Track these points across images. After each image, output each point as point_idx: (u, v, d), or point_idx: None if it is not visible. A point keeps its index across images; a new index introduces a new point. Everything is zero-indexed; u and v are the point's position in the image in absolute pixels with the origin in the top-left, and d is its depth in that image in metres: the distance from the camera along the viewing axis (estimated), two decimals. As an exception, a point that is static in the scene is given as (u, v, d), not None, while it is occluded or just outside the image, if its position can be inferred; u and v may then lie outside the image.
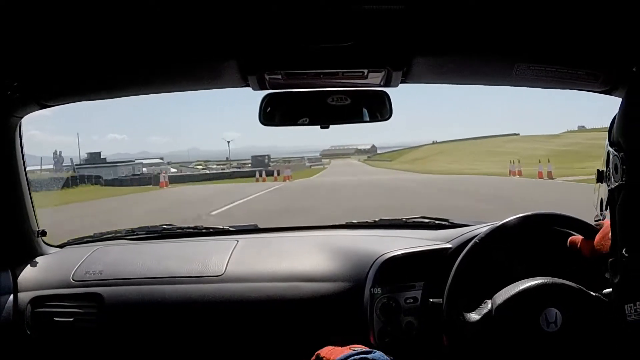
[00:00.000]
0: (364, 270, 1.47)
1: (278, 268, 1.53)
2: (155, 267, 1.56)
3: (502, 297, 1.17)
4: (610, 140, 0.93)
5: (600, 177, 0.97)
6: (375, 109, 1.36)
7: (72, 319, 1.47)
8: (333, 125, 1.37)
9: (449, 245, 1.48)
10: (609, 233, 1.03)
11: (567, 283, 1.16)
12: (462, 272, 1.25)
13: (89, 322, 1.47)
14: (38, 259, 1.63)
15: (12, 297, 1.50)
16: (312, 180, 25.79)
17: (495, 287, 1.22)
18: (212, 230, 1.90)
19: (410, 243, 1.54)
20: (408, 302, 1.42)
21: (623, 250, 0.91)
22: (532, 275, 1.20)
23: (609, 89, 1.25)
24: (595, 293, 1.15)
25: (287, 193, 15.50)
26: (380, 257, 1.47)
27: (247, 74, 1.23)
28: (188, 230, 1.90)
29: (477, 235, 1.28)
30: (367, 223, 1.88)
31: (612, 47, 1.13)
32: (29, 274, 1.57)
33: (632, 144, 0.88)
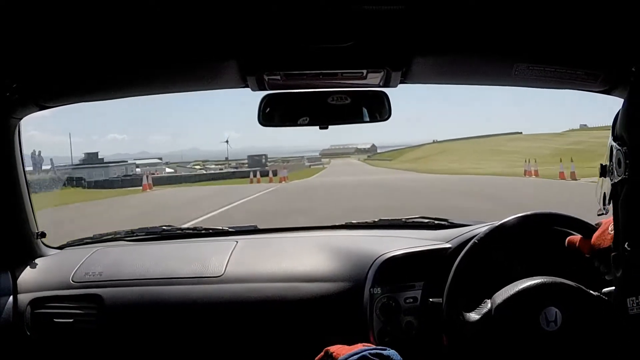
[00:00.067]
0: (364, 271, 1.47)
1: (278, 268, 1.54)
2: (155, 268, 1.56)
3: (501, 296, 1.18)
4: (614, 135, 0.94)
5: (604, 171, 0.97)
6: (375, 109, 1.36)
7: (71, 320, 1.47)
8: (332, 125, 1.38)
9: (449, 245, 1.49)
10: (607, 230, 1.08)
11: (566, 282, 1.17)
12: (461, 271, 1.26)
13: (89, 323, 1.47)
14: (37, 261, 1.63)
15: (11, 298, 1.50)
16: (309, 182, 24.42)
17: (495, 286, 1.23)
18: (211, 231, 1.90)
19: (410, 243, 1.54)
20: (408, 302, 1.43)
21: (625, 245, 0.91)
22: (531, 275, 1.21)
23: (609, 89, 1.26)
24: (595, 292, 1.16)
25: (281, 196, 14.47)
26: (380, 257, 1.48)
27: (246, 75, 1.23)
28: (187, 231, 1.92)
29: (476, 235, 1.29)
30: (366, 223, 1.88)
31: (611, 47, 1.13)
32: (29, 276, 1.57)
33: (635, 138, 0.88)
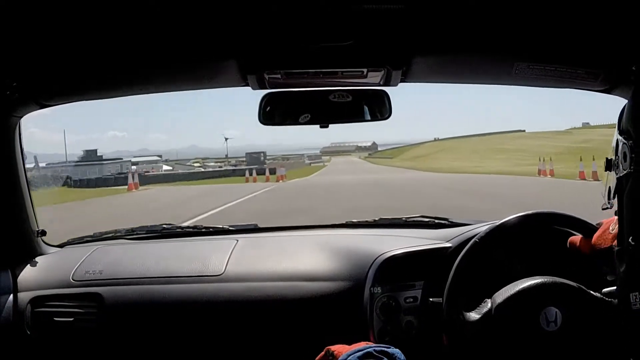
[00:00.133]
0: (364, 270, 1.47)
1: (278, 267, 1.53)
2: (155, 266, 1.56)
3: (502, 296, 1.18)
4: (620, 129, 0.94)
5: (609, 165, 0.97)
6: (376, 108, 1.36)
7: (72, 319, 1.47)
8: (332, 123, 1.38)
9: (449, 245, 1.48)
10: (608, 230, 1.08)
11: (567, 282, 1.17)
12: (462, 271, 1.26)
13: (89, 322, 1.47)
14: (38, 259, 1.63)
15: (12, 297, 1.50)
16: (309, 181, 23.32)
17: (495, 286, 1.23)
18: (211, 230, 1.90)
19: (410, 242, 1.54)
20: (408, 301, 1.42)
21: (629, 239, 0.91)
22: (532, 275, 1.21)
23: (609, 88, 1.26)
24: (596, 292, 1.16)
25: (278, 196, 13.55)
26: (380, 256, 1.48)
27: (246, 74, 1.23)
28: (188, 230, 1.92)
29: (477, 235, 1.29)
30: (366, 222, 1.88)
31: (611, 46, 1.13)
32: (29, 274, 1.57)
33: None
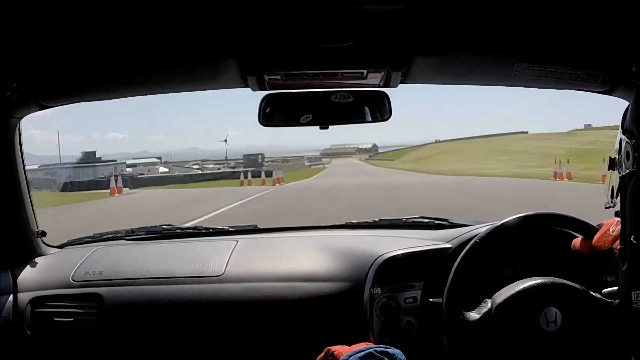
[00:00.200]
0: (364, 270, 1.47)
1: (278, 268, 1.53)
2: (155, 267, 1.55)
3: (502, 296, 1.18)
4: (623, 128, 0.94)
5: (612, 164, 0.97)
6: (376, 109, 1.36)
7: (72, 319, 1.47)
8: (333, 125, 1.38)
9: (449, 245, 1.48)
10: (608, 231, 1.08)
11: (567, 283, 1.17)
12: (462, 271, 1.25)
13: (89, 322, 1.47)
14: (38, 260, 1.63)
15: (12, 297, 1.50)
16: (308, 184, 21.77)
17: (495, 286, 1.22)
18: (211, 231, 1.89)
19: (410, 243, 1.54)
20: (408, 302, 1.42)
21: (631, 238, 0.91)
22: (532, 275, 1.20)
23: (609, 89, 1.26)
24: (595, 293, 1.16)
25: (271, 203, 12.11)
26: (380, 257, 1.47)
27: (246, 75, 1.23)
28: (188, 231, 1.91)
29: (476, 235, 1.28)
30: (366, 223, 1.87)
31: (611, 47, 1.13)
32: (29, 275, 1.57)
33: None
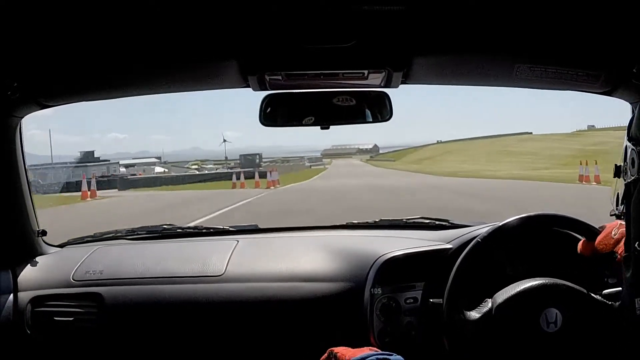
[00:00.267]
0: (364, 271, 1.46)
1: (278, 268, 1.53)
2: (156, 267, 1.55)
3: (502, 296, 1.18)
4: (629, 136, 0.94)
5: (618, 171, 0.98)
6: (377, 110, 1.36)
7: (72, 319, 1.46)
8: (334, 125, 1.38)
9: (450, 246, 1.48)
10: (610, 234, 1.07)
11: (567, 284, 1.17)
12: (463, 271, 1.25)
13: (89, 321, 1.47)
14: (38, 259, 1.62)
15: (12, 296, 1.50)
16: (307, 186, 20.44)
17: (496, 287, 1.23)
18: (212, 230, 1.89)
19: (411, 243, 1.54)
20: (408, 302, 1.42)
21: (636, 244, 0.91)
22: (532, 276, 1.21)
23: (610, 90, 1.25)
24: (596, 294, 1.16)
25: (259, 214, 10.52)
26: (381, 257, 1.47)
27: (247, 75, 1.23)
28: (188, 230, 1.90)
29: (477, 236, 1.28)
30: (367, 223, 1.87)
31: (612, 48, 1.13)
32: (29, 274, 1.56)
33: None
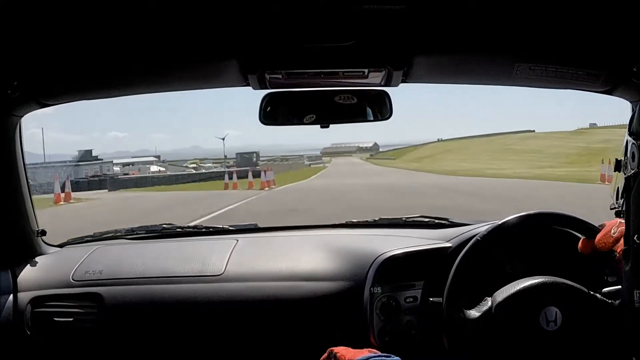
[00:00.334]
0: (364, 270, 1.46)
1: (278, 267, 1.52)
2: (155, 266, 1.54)
3: (502, 295, 1.17)
4: (630, 131, 0.95)
5: (618, 166, 0.98)
6: (377, 108, 1.35)
7: (72, 319, 1.46)
8: (334, 124, 1.37)
9: (449, 245, 1.47)
10: (610, 232, 1.07)
11: (567, 282, 1.16)
12: (462, 270, 1.24)
13: (89, 322, 1.46)
14: (38, 259, 1.61)
15: (11, 297, 1.49)
16: (304, 186, 19.63)
17: (496, 285, 1.22)
18: (211, 230, 1.88)
19: (410, 242, 1.53)
20: (408, 301, 1.41)
21: (635, 237, 0.92)
22: (532, 274, 1.20)
23: (610, 89, 1.25)
24: (596, 293, 1.16)
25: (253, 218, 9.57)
26: (380, 256, 1.46)
27: (247, 73, 1.22)
28: (188, 230, 1.89)
29: (477, 234, 1.27)
30: (366, 222, 1.86)
31: (612, 47, 1.13)
32: (29, 274, 1.55)
33: None
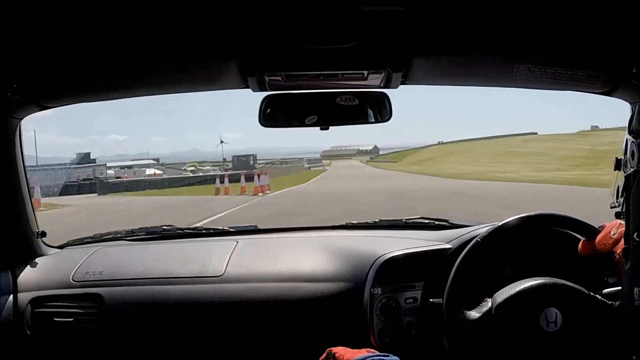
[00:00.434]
0: (364, 271, 1.45)
1: (278, 268, 1.51)
2: (155, 267, 1.54)
3: (502, 296, 1.17)
4: (630, 129, 0.95)
5: (618, 164, 0.98)
6: (377, 110, 1.35)
7: (72, 320, 1.45)
8: (336, 126, 1.36)
9: (449, 246, 1.47)
10: (609, 233, 1.08)
11: (567, 283, 1.16)
12: (462, 271, 1.24)
13: (89, 322, 1.45)
14: (38, 260, 1.61)
15: (12, 297, 1.49)
16: (303, 191, 18.61)
17: (496, 286, 1.22)
18: (211, 231, 1.88)
19: (410, 243, 1.52)
20: (408, 302, 1.41)
21: (635, 235, 0.92)
22: (532, 275, 1.20)
23: (609, 90, 1.25)
24: (596, 294, 1.16)
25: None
26: (380, 257, 1.46)
27: (246, 75, 1.22)
28: (188, 231, 1.88)
29: (477, 235, 1.27)
30: (366, 224, 1.85)
31: (611, 48, 1.13)
32: (29, 275, 1.55)
33: None
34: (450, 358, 1.28)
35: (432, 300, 1.34)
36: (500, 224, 1.25)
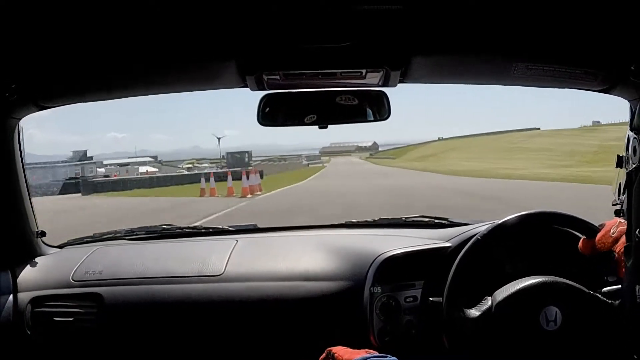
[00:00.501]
0: (364, 270, 1.46)
1: (277, 267, 1.52)
2: (155, 267, 1.55)
3: (502, 294, 1.18)
4: (632, 126, 0.95)
5: (620, 162, 0.98)
6: (376, 109, 1.36)
7: (72, 319, 1.46)
8: (335, 124, 1.37)
9: (449, 244, 1.47)
10: (609, 232, 1.07)
11: (567, 282, 1.17)
12: (462, 269, 1.25)
13: (89, 322, 1.46)
14: (38, 259, 1.62)
15: (12, 297, 1.49)
16: (299, 190, 17.19)
17: (496, 284, 1.22)
18: (211, 230, 1.88)
19: (410, 242, 1.53)
20: (408, 301, 1.41)
21: (637, 232, 0.91)
22: (532, 274, 1.20)
23: (608, 88, 1.25)
24: (595, 292, 1.16)
25: None
26: (380, 256, 1.47)
27: (245, 75, 1.22)
28: (187, 230, 1.89)
29: (477, 234, 1.28)
30: (366, 222, 1.86)
31: (610, 46, 1.13)
32: (29, 274, 1.56)
33: None
34: (450, 356, 1.29)
35: (432, 299, 1.34)
36: (500, 222, 1.26)
